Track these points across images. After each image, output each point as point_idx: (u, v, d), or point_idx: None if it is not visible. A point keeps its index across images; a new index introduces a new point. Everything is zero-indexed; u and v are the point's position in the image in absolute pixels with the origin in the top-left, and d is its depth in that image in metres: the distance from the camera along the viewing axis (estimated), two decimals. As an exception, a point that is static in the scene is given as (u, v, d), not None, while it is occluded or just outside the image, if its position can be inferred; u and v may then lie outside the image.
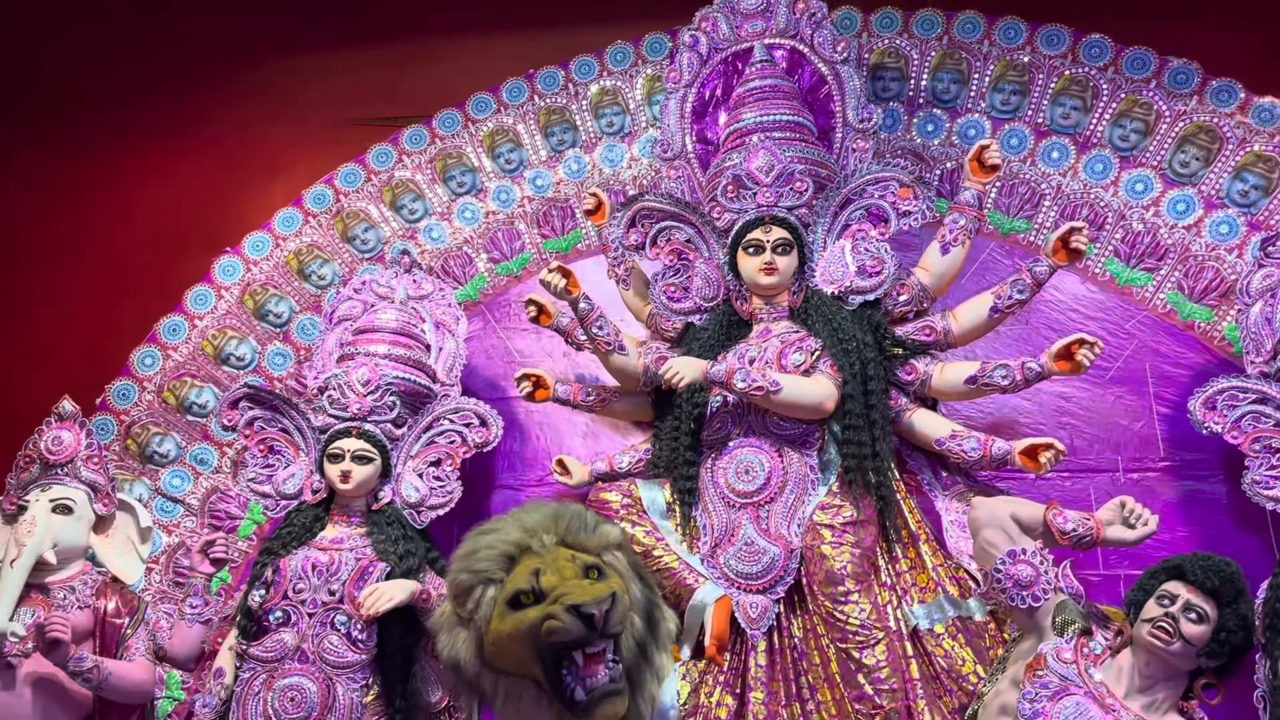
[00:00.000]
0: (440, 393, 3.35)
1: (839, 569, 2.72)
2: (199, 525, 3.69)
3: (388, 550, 2.99)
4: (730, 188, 3.18)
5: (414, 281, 3.56)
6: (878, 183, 3.16)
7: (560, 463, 3.36)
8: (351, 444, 3.08)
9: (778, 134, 3.23)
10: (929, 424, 3.01)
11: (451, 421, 3.26)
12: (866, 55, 3.60)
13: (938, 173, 3.54)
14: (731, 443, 2.98)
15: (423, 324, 3.45)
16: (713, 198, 3.25)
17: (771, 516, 2.85)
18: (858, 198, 3.18)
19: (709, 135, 3.53)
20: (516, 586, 2.12)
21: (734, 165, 3.19)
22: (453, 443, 3.24)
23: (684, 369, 2.87)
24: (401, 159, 3.97)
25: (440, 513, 3.19)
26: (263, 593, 2.94)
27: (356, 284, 3.57)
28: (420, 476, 3.20)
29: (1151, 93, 3.39)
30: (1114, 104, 3.44)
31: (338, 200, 3.97)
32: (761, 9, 3.47)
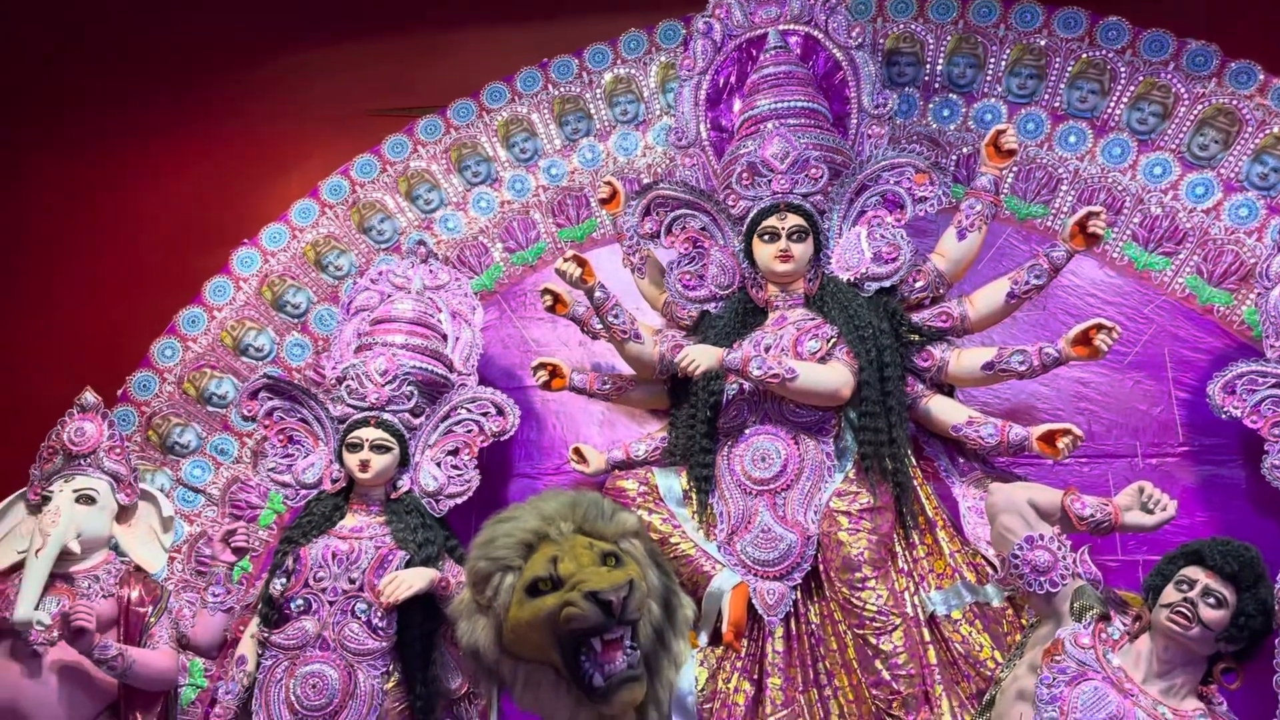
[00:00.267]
0: (457, 382, 3.37)
1: (856, 555, 2.72)
2: (220, 515, 3.73)
3: (407, 538, 3.02)
4: (745, 175, 3.18)
5: (430, 271, 3.58)
6: (893, 169, 3.15)
7: (577, 451, 3.37)
8: (370, 433, 3.10)
9: (792, 121, 3.22)
10: (946, 410, 3.01)
11: (469, 411, 3.28)
12: (881, 40, 3.58)
13: (954, 158, 3.52)
14: (748, 430, 2.99)
15: (439, 314, 3.47)
16: (728, 185, 3.25)
17: (788, 503, 2.86)
18: (873, 184, 3.17)
19: (724, 122, 3.52)
20: (535, 574, 2.13)
21: (749, 152, 3.19)
22: (470, 432, 3.26)
23: (700, 357, 2.88)
24: (417, 149, 3.98)
25: (458, 501, 3.21)
26: (284, 581, 2.96)
27: (373, 274, 3.59)
28: (438, 465, 3.22)
29: (1170, 75, 3.36)
30: (1132, 87, 3.41)
31: (354, 191, 3.98)
32: (775, -6, 3.46)
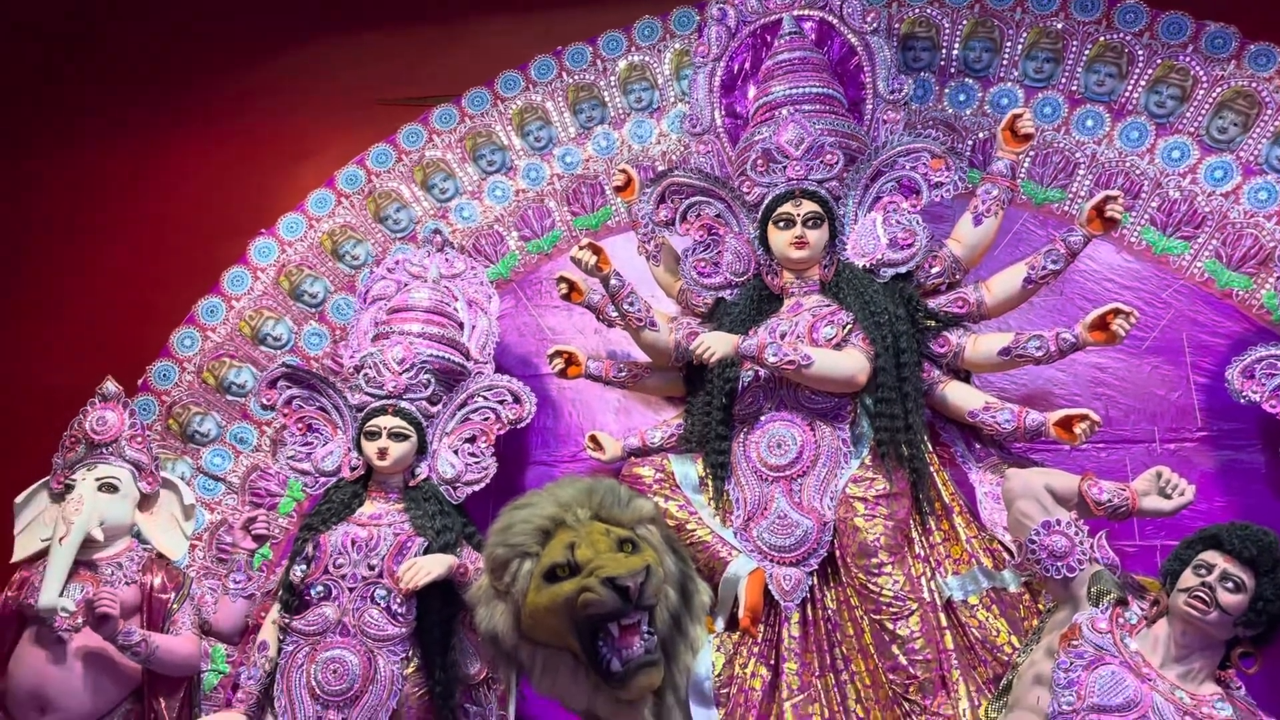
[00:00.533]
0: (474, 370, 3.38)
1: (872, 541, 2.73)
2: (240, 502, 3.76)
3: (425, 525, 3.04)
4: (760, 161, 3.17)
5: (446, 260, 3.60)
6: (909, 154, 3.13)
7: (593, 438, 3.38)
8: (388, 421, 3.13)
9: (807, 106, 3.21)
10: (962, 396, 3.00)
11: (485, 399, 3.29)
12: (897, 25, 3.56)
13: (970, 143, 3.51)
14: (763, 417, 2.99)
15: (455, 302, 3.48)
16: (742, 172, 3.24)
17: (804, 490, 2.86)
18: (889, 169, 3.15)
19: (738, 109, 3.52)
20: (552, 560, 2.14)
21: (763, 139, 3.18)
22: (487, 419, 3.28)
23: (715, 344, 2.88)
24: (432, 138, 3.99)
25: (476, 488, 3.22)
26: (304, 568, 2.99)
27: (390, 264, 3.61)
28: (456, 453, 3.23)
29: (1188, 58, 3.33)
30: (1150, 70, 3.38)
31: (370, 181, 4.00)
32: (790, -21, 3.45)
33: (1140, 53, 3.39)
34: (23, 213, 4.48)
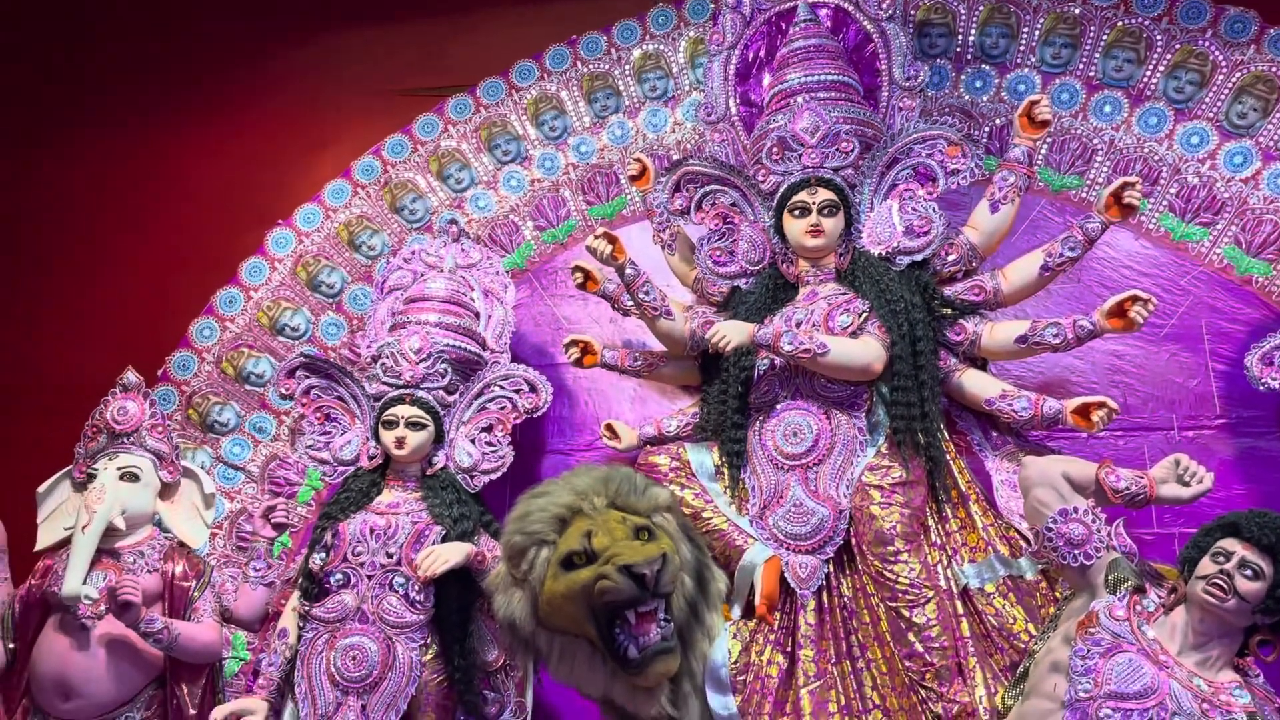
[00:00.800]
0: (490, 359, 3.40)
1: (888, 529, 2.73)
2: (260, 491, 3.79)
3: (443, 514, 3.06)
4: (775, 150, 3.16)
5: (462, 250, 3.61)
6: (925, 141, 3.12)
7: (609, 427, 3.39)
8: (405, 410, 3.15)
9: (823, 94, 3.20)
10: (979, 384, 3.00)
11: (502, 388, 3.31)
12: (912, 11, 3.53)
13: (987, 130, 3.49)
14: (779, 405, 2.99)
15: (472, 292, 3.49)
16: (757, 160, 3.24)
17: (820, 478, 2.86)
18: (905, 157, 3.14)
19: (753, 97, 3.50)
20: (569, 548, 2.16)
21: (779, 127, 3.17)
22: (503, 409, 3.29)
23: (731, 333, 2.88)
24: (447, 129, 3.99)
25: (492, 477, 3.24)
26: (323, 556, 3.02)
27: (406, 254, 3.62)
28: (472, 442, 3.25)
29: (1207, 42, 3.30)
30: (1168, 55, 3.35)
31: (385, 171, 4.01)
32: (805, -33, 3.43)
33: (1159, 38, 3.36)
34: (43, 206, 4.52)
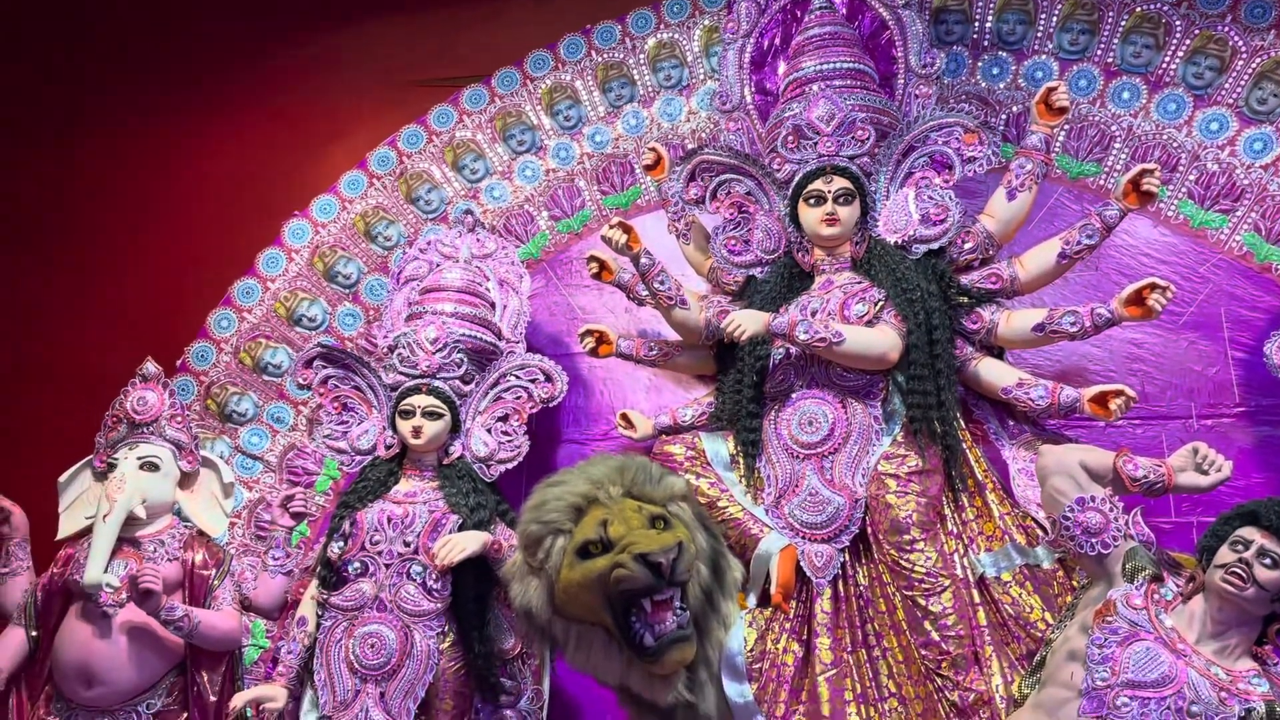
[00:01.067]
0: (506, 349, 3.41)
1: (904, 518, 2.72)
2: (278, 481, 3.82)
3: (459, 503, 3.07)
4: (790, 138, 3.16)
5: (477, 240, 3.62)
6: (941, 129, 3.10)
7: (624, 417, 3.39)
8: (422, 400, 3.16)
9: (838, 82, 3.18)
10: (995, 372, 2.98)
11: (517, 378, 3.31)
12: (929, -2, 3.53)
13: (1003, 117, 3.47)
14: (794, 394, 2.98)
15: (487, 282, 3.50)
16: (773, 149, 3.23)
17: (835, 467, 2.86)
18: (921, 145, 3.12)
19: (768, 86, 3.49)
20: (585, 536, 2.17)
21: (794, 115, 3.16)
22: (519, 398, 3.30)
23: (746, 322, 2.88)
24: (462, 119, 4.00)
25: (509, 466, 3.26)
26: (341, 545, 3.04)
27: (422, 244, 3.64)
28: (489, 431, 3.26)
29: (1227, 28, 3.27)
30: (1187, 41, 3.32)
31: (401, 162, 4.02)
32: (820, -46, 3.41)
33: (1178, 23, 3.33)
34: (61, 198, 4.55)
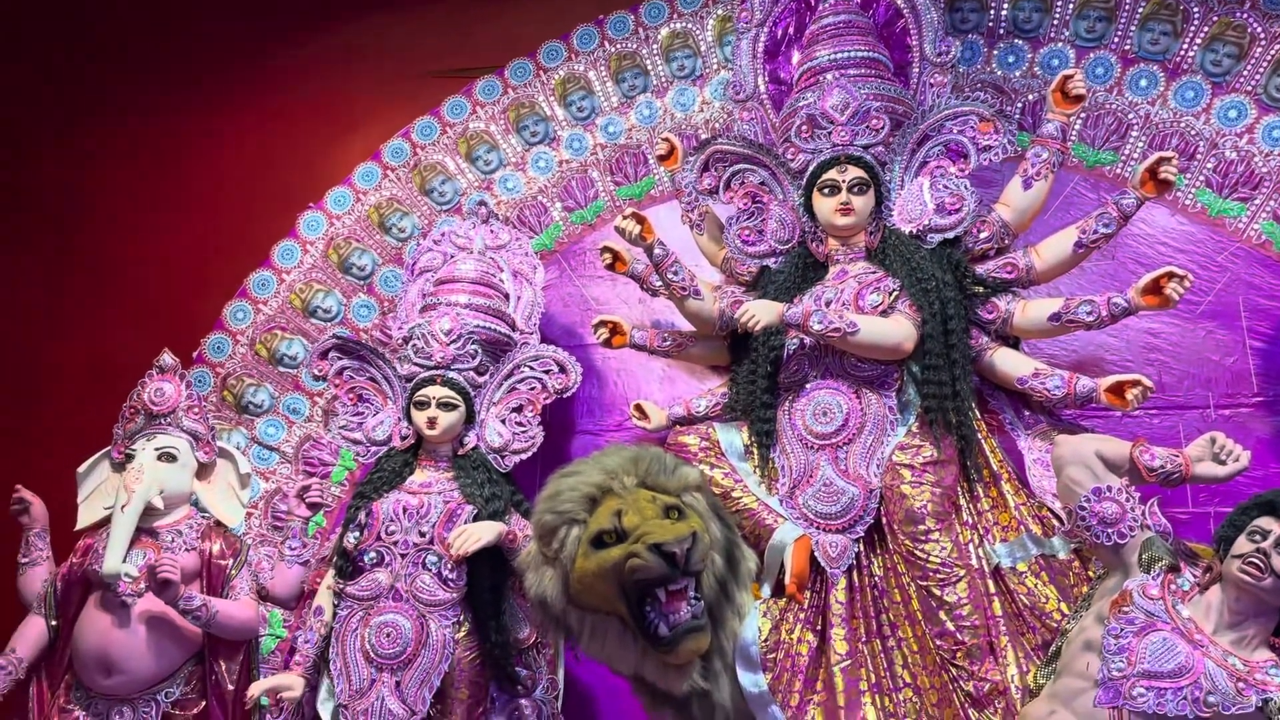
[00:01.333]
0: (520, 340, 3.41)
1: (919, 508, 2.72)
2: (294, 471, 3.84)
3: (474, 493, 3.08)
4: (804, 128, 3.14)
5: (491, 232, 3.62)
6: (957, 117, 3.08)
7: (638, 407, 3.39)
8: (436, 391, 3.17)
9: (853, 71, 3.17)
10: (1011, 362, 2.97)
11: (532, 369, 3.32)
12: (944, -14, 3.50)
13: (1019, 105, 3.44)
14: (809, 385, 2.98)
15: (501, 273, 3.51)
16: (787, 139, 3.22)
17: (850, 457, 2.85)
18: (936, 134, 3.10)
19: (782, 75, 3.48)
20: (599, 526, 2.17)
21: (808, 104, 3.15)
22: (533, 389, 3.31)
23: (760, 312, 2.87)
24: (475, 110, 4.00)
25: (523, 457, 3.26)
26: (357, 535, 3.05)
27: (436, 236, 3.64)
28: (503, 422, 3.27)
29: (1245, 14, 3.24)
30: (1205, 27, 3.29)
31: (415, 154, 4.03)
32: (833, -58, 3.39)
33: (1195, 10, 3.30)
34: (77, 190, 4.57)
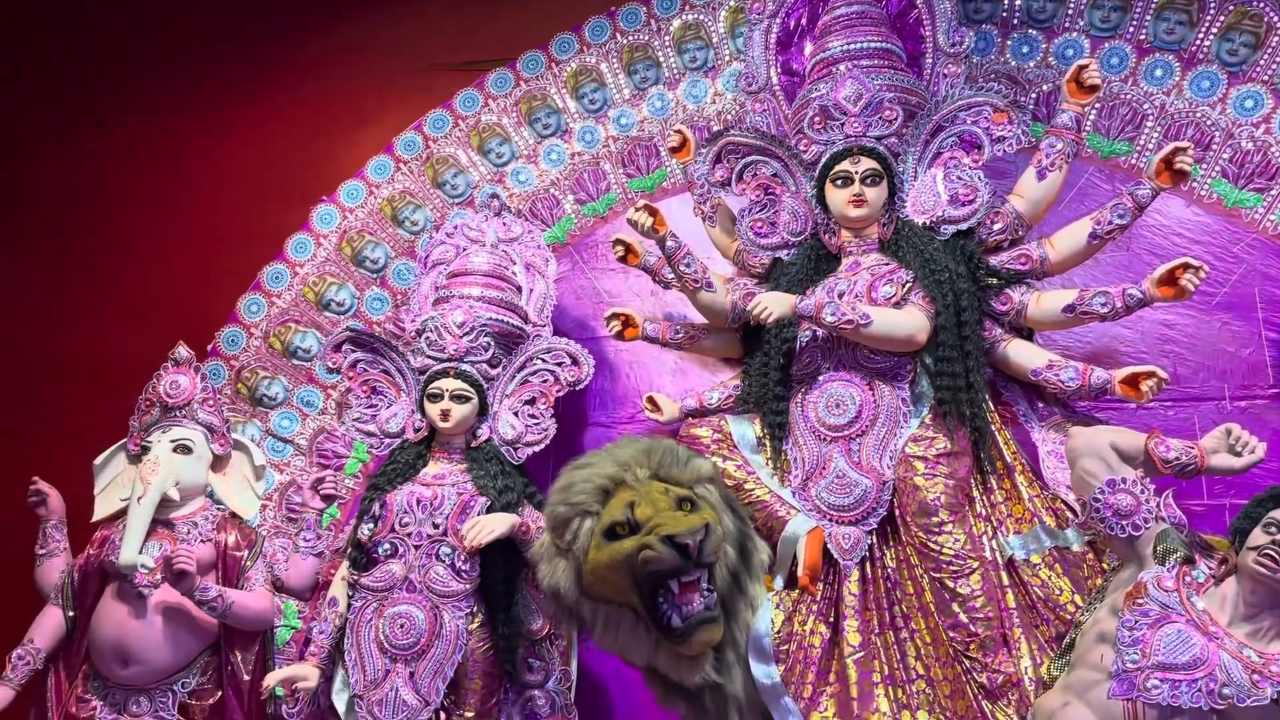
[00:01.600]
0: (532, 333, 3.42)
1: (932, 500, 2.71)
2: (308, 464, 3.86)
3: (487, 485, 3.09)
4: (817, 119, 3.13)
5: (504, 224, 3.63)
6: (970, 108, 3.07)
7: (651, 400, 3.40)
8: (450, 384, 3.18)
9: (865, 62, 3.15)
10: (1025, 354, 2.96)
11: (544, 361, 3.33)
12: (957, -24, 3.48)
13: (1033, 96, 3.42)
14: (821, 377, 2.97)
15: (513, 266, 3.51)
16: (799, 130, 3.21)
17: (863, 449, 2.85)
18: (949, 124, 3.09)
19: (794, 66, 3.47)
20: (612, 518, 2.18)
21: (821, 95, 3.14)
22: (546, 381, 3.31)
23: (772, 304, 2.87)
24: (487, 103, 4.00)
25: (536, 449, 3.27)
26: (371, 526, 3.07)
27: (448, 228, 3.65)
28: (516, 414, 3.28)
29: (1262, 3, 3.21)
30: (1221, 17, 3.26)
31: (427, 147, 4.03)
32: (846, -68, 3.38)
33: (1212, -1, 3.28)
34: (92, 185, 4.59)
